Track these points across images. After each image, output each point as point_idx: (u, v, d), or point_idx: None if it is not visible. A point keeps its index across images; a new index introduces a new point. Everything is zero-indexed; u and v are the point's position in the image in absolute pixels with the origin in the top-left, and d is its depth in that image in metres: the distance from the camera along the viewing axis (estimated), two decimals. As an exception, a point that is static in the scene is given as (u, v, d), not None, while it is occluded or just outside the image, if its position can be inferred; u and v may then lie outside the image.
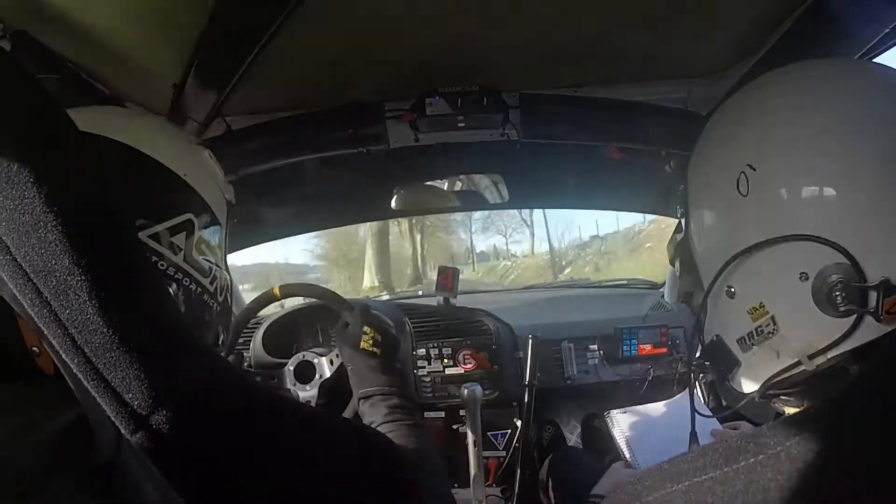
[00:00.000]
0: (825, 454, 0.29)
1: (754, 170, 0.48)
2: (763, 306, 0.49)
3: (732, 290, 0.52)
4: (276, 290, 1.08)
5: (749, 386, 0.54)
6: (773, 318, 0.48)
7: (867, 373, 0.30)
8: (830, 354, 0.45)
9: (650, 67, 1.04)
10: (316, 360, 1.12)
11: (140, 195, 0.53)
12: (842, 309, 0.43)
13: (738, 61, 0.97)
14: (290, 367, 1.13)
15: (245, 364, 1.23)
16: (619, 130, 1.19)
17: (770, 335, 0.49)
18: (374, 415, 0.72)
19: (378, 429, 0.70)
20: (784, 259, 0.46)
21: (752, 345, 0.51)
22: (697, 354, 0.59)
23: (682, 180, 0.59)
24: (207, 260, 0.60)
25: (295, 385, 1.11)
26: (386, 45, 0.90)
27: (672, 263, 0.62)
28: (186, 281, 0.56)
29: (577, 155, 1.43)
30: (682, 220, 0.59)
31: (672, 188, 1.39)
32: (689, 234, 0.58)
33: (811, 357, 0.46)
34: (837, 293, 0.43)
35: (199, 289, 0.58)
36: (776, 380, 0.50)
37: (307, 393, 1.10)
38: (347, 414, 0.92)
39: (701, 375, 0.64)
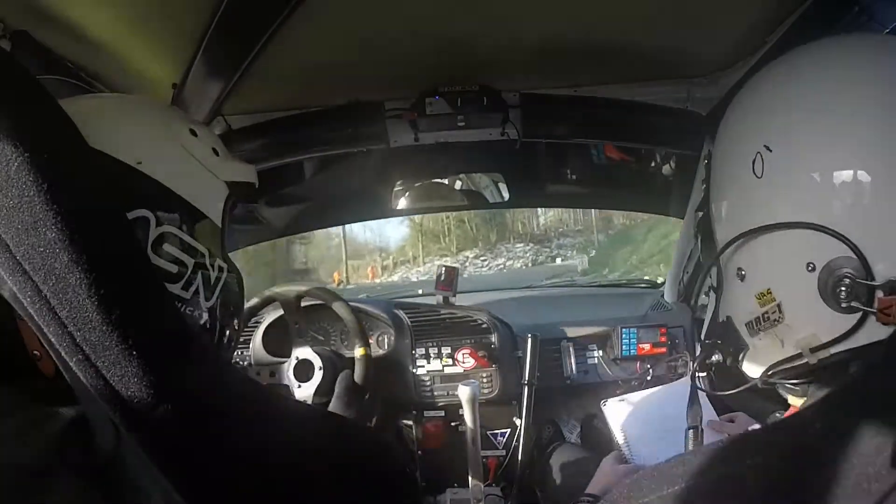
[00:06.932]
0: (818, 460, 0.29)
1: (770, 151, 0.45)
2: (770, 293, 0.47)
3: (742, 272, 0.50)
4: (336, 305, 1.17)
5: (755, 371, 0.52)
6: (779, 305, 0.46)
7: (863, 377, 0.30)
8: (833, 350, 0.43)
9: (650, 67, 1.04)
10: (319, 365, 1.13)
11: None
12: (844, 305, 0.42)
13: (738, 61, 0.97)
14: (293, 360, 1.14)
15: (245, 362, 1.24)
16: (619, 130, 1.19)
17: (776, 322, 0.47)
18: None
19: None
20: (792, 247, 0.44)
21: (759, 330, 0.49)
22: (703, 335, 0.58)
23: (681, 179, 0.59)
24: (177, 260, 0.51)
25: (291, 381, 1.12)
26: (386, 45, 0.90)
27: (695, 238, 0.60)
28: None
29: (577, 154, 1.43)
30: (704, 195, 0.57)
31: (672, 187, 1.40)
32: (710, 210, 0.56)
33: (813, 350, 0.44)
34: (842, 288, 0.41)
35: None
36: (778, 369, 0.49)
37: (303, 392, 1.10)
38: (349, 415, 0.92)
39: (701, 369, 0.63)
